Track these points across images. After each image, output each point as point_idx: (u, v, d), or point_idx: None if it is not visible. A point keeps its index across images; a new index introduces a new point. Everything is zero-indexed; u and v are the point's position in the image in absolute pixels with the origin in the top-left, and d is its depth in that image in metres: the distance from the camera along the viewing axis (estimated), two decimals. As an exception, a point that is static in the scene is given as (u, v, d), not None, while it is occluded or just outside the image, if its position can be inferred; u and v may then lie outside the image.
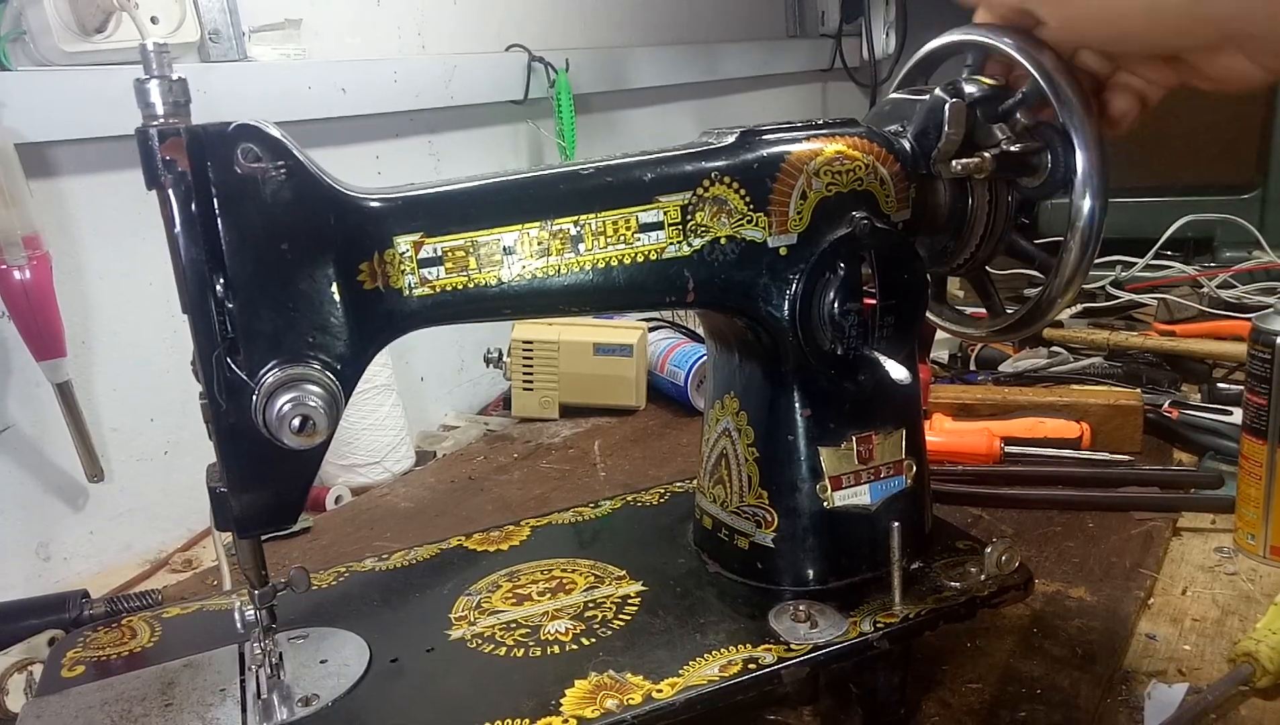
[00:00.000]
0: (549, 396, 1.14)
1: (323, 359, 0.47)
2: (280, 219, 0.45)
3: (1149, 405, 0.93)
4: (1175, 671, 0.60)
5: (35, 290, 0.75)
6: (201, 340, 0.45)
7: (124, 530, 0.90)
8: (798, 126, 0.55)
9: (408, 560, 0.67)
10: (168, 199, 0.44)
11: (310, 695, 0.51)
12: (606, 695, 0.49)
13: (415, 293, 0.49)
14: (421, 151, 1.17)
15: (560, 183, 0.51)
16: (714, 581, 0.60)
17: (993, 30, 0.55)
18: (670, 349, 1.15)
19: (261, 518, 0.49)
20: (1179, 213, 1.33)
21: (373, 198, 0.48)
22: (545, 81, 1.27)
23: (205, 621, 0.61)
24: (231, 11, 0.93)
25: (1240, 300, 1.24)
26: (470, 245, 0.49)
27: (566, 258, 0.51)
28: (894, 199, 0.55)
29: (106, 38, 0.81)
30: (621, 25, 1.51)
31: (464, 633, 0.57)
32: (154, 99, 0.43)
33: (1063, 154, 0.54)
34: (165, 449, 0.92)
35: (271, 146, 0.44)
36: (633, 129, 1.52)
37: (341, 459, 0.99)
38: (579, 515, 0.72)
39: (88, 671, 0.55)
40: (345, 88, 1.02)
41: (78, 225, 0.84)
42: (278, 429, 0.45)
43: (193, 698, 0.52)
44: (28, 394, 0.82)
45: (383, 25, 1.12)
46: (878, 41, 1.98)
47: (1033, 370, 1.08)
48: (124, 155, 0.82)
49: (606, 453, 1.03)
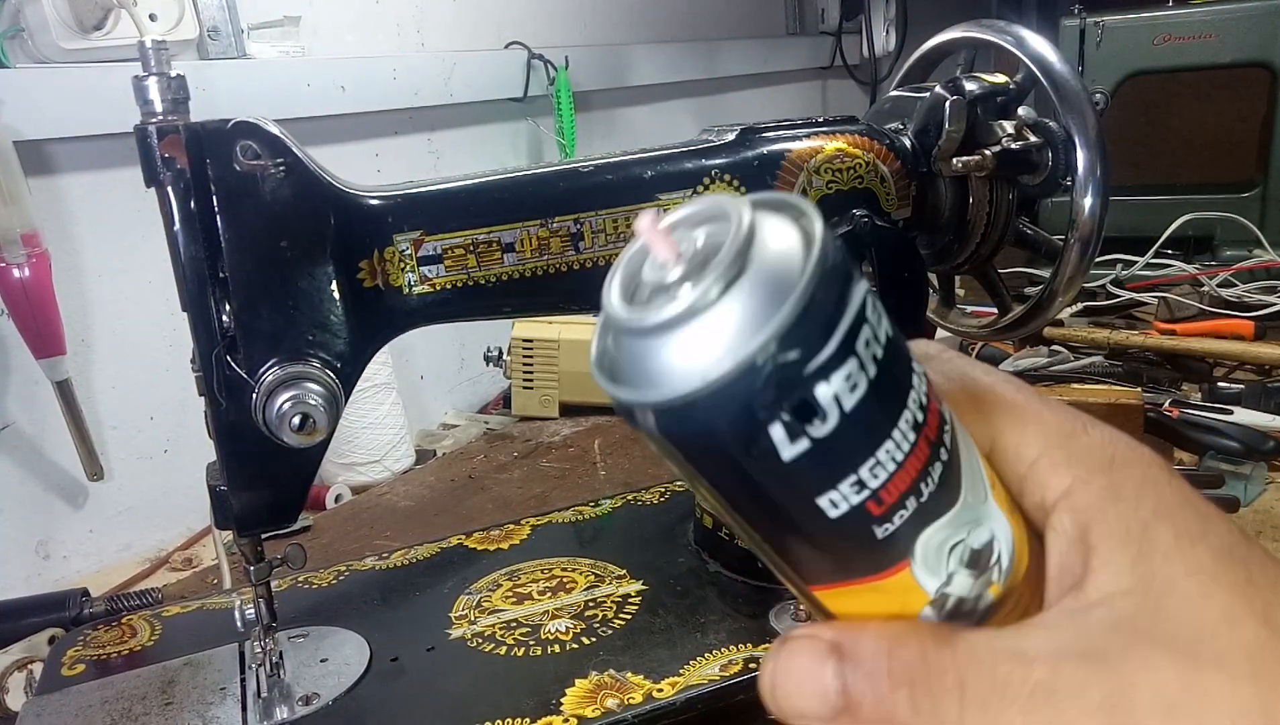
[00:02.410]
0: (549, 395, 1.14)
1: (322, 357, 0.47)
2: (279, 217, 0.45)
3: (1149, 404, 0.93)
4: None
5: (34, 288, 0.75)
6: (201, 338, 0.45)
7: (124, 529, 0.89)
8: (798, 124, 0.55)
9: (408, 559, 0.66)
10: (167, 196, 0.43)
11: (310, 694, 0.51)
12: (607, 694, 0.49)
13: (415, 291, 0.49)
14: (421, 149, 1.17)
15: (560, 181, 0.51)
16: (714, 580, 0.60)
17: (994, 27, 0.55)
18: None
19: (261, 516, 0.49)
20: (1179, 211, 1.33)
21: (372, 196, 0.48)
22: (545, 79, 1.26)
23: (205, 620, 0.61)
24: (230, 9, 0.92)
25: (1241, 299, 1.24)
26: (470, 243, 0.49)
27: (566, 256, 0.51)
28: (894, 197, 0.55)
29: (105, 35, 0.81)
30: (621, 22, 1.51)
31: (464, 632, 0.56)
32: (153, 96, 0.43)
33: (1064, 152, 0.54)
34: (165, 447, 0.92)
35: (271, 144, 0.44)
36: (632, 127, 1.52)
37: (341, 457, 0.99)
38: (579, 514, 0.72)
39: (88, 670, 0.55)
40: (344, 85, 1.02)
41: (77, 223, 0.84)
42: (278, 427, 0.44)
43: (193, 696, 0.52)
44: (27, 392, 0.81)
45: (382, 22, 1.12)
46: (878, 39, 1.97)
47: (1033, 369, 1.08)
48: (123, 153, 0.82)
49: (606, 451, 1.03)
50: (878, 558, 0.22)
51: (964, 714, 0.21)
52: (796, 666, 0.22)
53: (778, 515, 0.21)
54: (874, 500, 0.21)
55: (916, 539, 0.21)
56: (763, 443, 0.19)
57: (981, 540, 0.22)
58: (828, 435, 0.19)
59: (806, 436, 0.19)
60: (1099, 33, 1.37)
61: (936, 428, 0.21)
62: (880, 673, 0.22)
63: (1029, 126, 0.55)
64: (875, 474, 0.20)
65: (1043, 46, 0.55)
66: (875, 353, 0.20)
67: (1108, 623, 0.21)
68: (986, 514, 0.23)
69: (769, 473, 0.20)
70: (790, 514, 0.21)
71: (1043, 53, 0.54)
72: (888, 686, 0.21)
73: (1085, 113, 0.53)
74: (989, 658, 0.22)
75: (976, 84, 0.56)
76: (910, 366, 0.21)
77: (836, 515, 0.20)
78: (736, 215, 0.19)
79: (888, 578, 0.22)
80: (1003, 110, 0.56)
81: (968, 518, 0.22)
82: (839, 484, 0.20)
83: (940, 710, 0.21)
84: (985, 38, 0.56)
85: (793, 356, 0.19)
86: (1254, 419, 0.89)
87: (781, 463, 0.19)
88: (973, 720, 0.21)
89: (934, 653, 0.22)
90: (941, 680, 0.21)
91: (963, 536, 0.22)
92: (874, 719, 0.21)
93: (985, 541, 0.22)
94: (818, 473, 0.20)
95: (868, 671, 0.22)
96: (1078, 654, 0.21)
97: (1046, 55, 0.54)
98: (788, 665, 0.22)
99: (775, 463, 0.19)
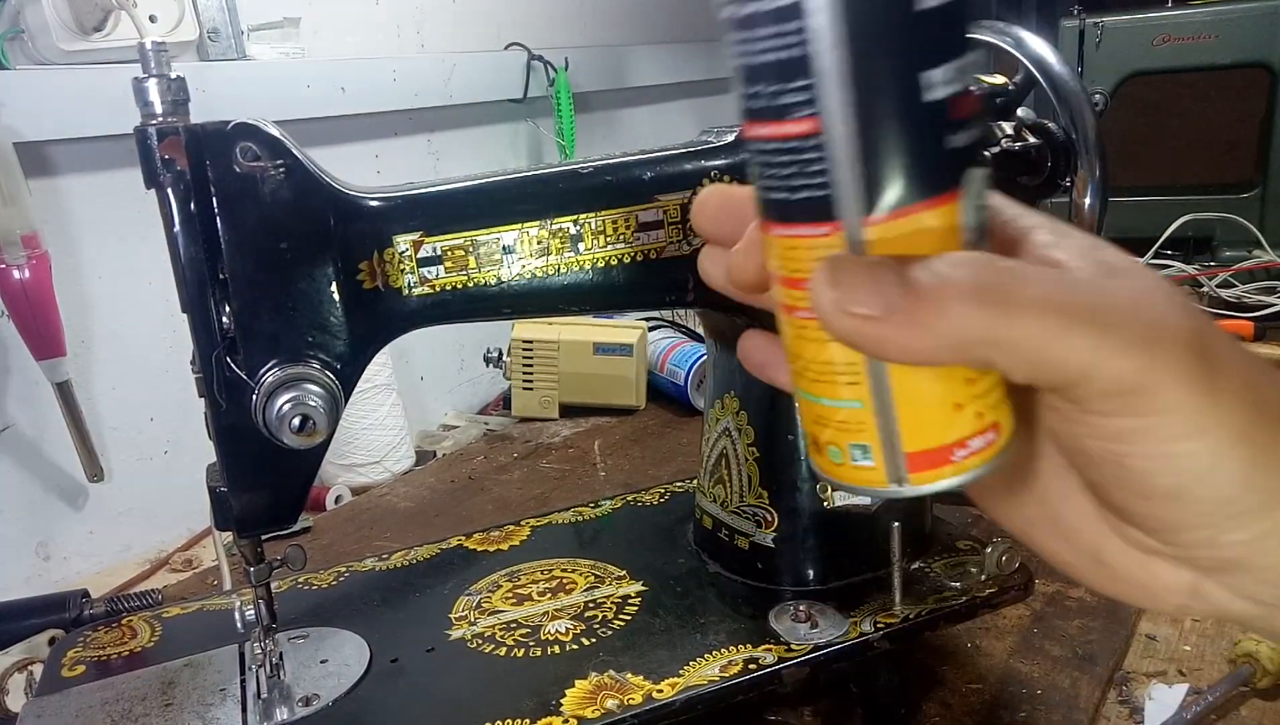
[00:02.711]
0: (549, 396, 1.14)
1: (322, 358, 0.47)
2: (279, 218, 0.45)
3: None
4: (1175, 672, 0.60)
5: (34, 289, 0.75)
6: (201, 340, 0.45)
7: (124, 530, 0.89)
8: (798, 125, 0.55)
9: (408, 560, 0.66)
10: (166, 198, 0.43)
11: (310, 695, 0.51)
12: (607, 695, 0.49)
13: (415, 292, 0.49)
14: (421, 150, 1.17)
15: (560, 181, 0.51)
16: (714, 581, 0.60)
17: (993, 28, 0.55)
18: (670, 349, 1.15)
19: (261, 517, 0.49)
20: (1179, 211, 1.33)
21: (372, 197, 0.48)
22: (544, 80, 1.26)
23: (205, 621, 0.61)
24: (230, 10, 0.92)
25: (1240, 299, 1.24)
26: (470, 244, 0.49)
27: (566, 257, 0.51)
28: (894, 198, 0.55)
29: (105, 36, 0.81)
30: (621, 23, 1.51)
31: (464, 633, 0.56)
32: (152, 98, 0.43)
33: (1063, 152, 0.54)
34: (165, 448, 0.92)
35: (270, 145, 0.44)
36: (632, 127, 1.52)
37: (341, 458, 0.99)
38: (579, 515, 0.72)
39: (88, 671, 0.55)
40: (344, 86, 1.02)
41: (77, 224, 0.84)
42: (277, 429, 0.44)
43: (193, 697, 0.52)
44: (27, 393, 0.82)
45: (382, 24, 1.12)
46: (877, 40, 1.97)
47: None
48: (123, 154, 0.82)
49: (606, 452, 1.03)
50: (941, 173, 0.23)
51: (1025, 292, 0.22)
52: (853, 269, 0.22)
53: (885, 87, 0.22)
54: (960, 99, 0.22)
55: (972, 170, 0.23)
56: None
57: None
58: (946, 6, 0.22)
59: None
60: (1098, 33, 1.37)
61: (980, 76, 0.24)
62: (937, 261, 0.22)
63: (1028, 127, 0.55)
64: (966, 73, 0.22)
65: (1042, 47, 0.55)
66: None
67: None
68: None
69: (898, 21, 0.22)
70: (895, 85, 0.22)
71: (1042, 54, 0.54)
72: (947, 266, 0.22)
73: (1085, 113, 0.53)
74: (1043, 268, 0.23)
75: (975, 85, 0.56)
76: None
77: (929, 99, 0.22)
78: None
79: (942, 204, 0.23)
80: (1002, 111, 0.56)
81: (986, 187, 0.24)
82: (942, 63, 0.22)
83: (1001, 285, 0.22)
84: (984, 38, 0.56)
85: None
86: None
87: (913, 9, 0.21)
88: (1028, 303, 0.22)
89: (985, 255, 0.23)
90: (1005, 263, 0.23)
91: (983, 192, 0.24)
92: (928, 304, 0.22)
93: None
94: (931, 38, 0.22)
95: (926, 263, 0.22)
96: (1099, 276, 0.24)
97: (1046, 56, 0.54)
98: (844, 273, 0.23)
99: (908, 9, 0.21)
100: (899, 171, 0.22)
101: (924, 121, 0.22)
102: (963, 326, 0.22)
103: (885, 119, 0.22)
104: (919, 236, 0.23)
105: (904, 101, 0.22)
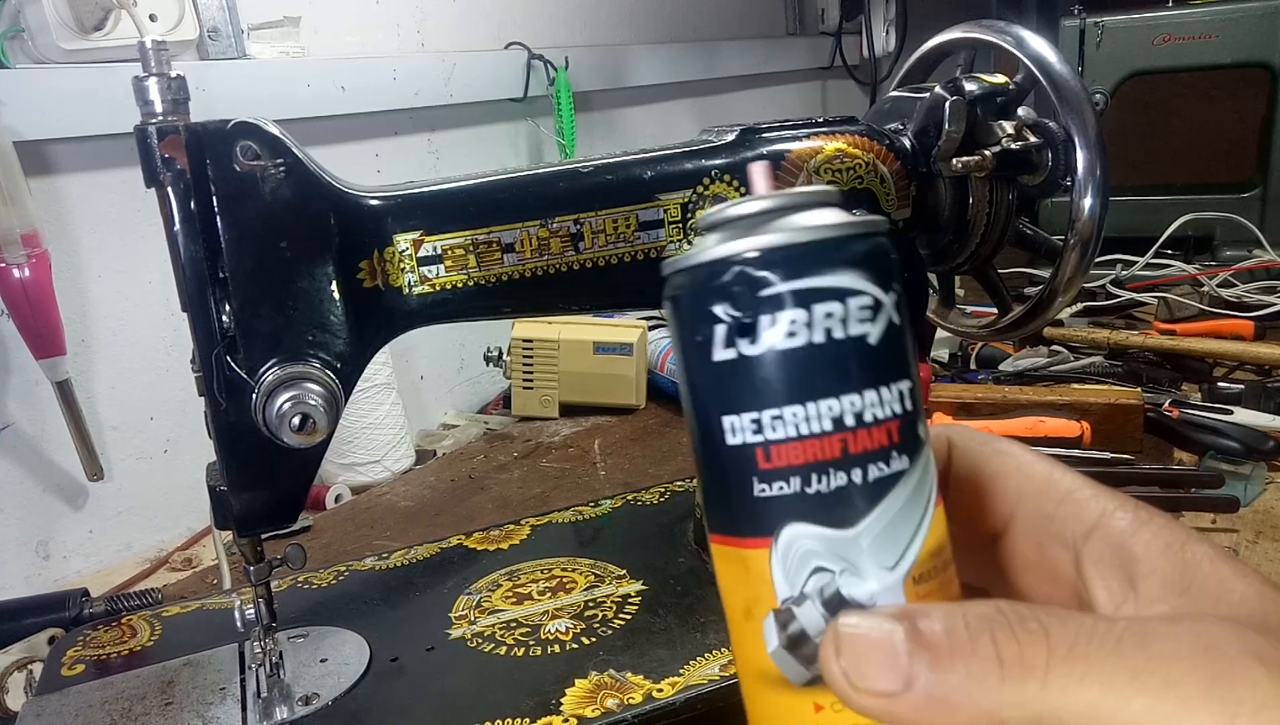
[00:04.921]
0: (549, 395, 1.14)
1: (322, 357, 0.47)
2: (279, 217, 0.45)
3: (1149, 404, 0.93)
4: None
5: (34, 288, 0.75)
6: (201, 338, 0.45)
7: (124, 529, 0.89)
8: (798, 124, 0.55)
9: (408, 559, 0.66)
10: (167, 197, 0.43)
11: (310, 694, 0.51)
12: (607, 694, 0.49)
13: (415, 291, 0.49)
14: (421, 149, 1.17)
15: (560, 181, 0.51)
16: (714, 580, 0.60)
17: (994, 28, 0.55)
18: (670, 348, 1.15)
19: (261, 516, 0.49)
20: (1179, 211, 1.33)
21: (372, 196, 0.48)
22: (545, 79, 1.26)
23: (205, 620, 0.61)
24: (230, 9, 0.92)
25: (1240, 299, 1.24)
26: (470, 243, 0.49)
27: (566, 256, 0.51)
28: (894, 197, 0.55)
29: (105, 35, 0.81)
30: (621, 23, 1.51)
31: (464, 632, 0.56)
32: (153, 97, 0.43)
33: (1063, 152, 0.54)
34: (165, 447, 0.92)
35: (270, 144, 0.44)
36: (632, 127, 1.52)
37: (341, 458, 0.99)
38: (579, 514, 0.72)
39: (88, 670, 0.55)
40: (344, 85, 1.02)
41: (77, 223, 0.84)
42: (277, 428, 0.44)
43: (193, 696, 0.52)
44: (27, 392, 0.81)
45: (382, 23, 1.12)
46: (878, 39, 1.97)
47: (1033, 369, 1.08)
48: (123, 153, 0.82)
49: (606, 452, 1.03)
50: (750, 518, 0.22)
51: (1051, 659, 0.20)
52: (861, 639, 0.21)
53: (698, 414, 0.23)
54: (763, 450, 0.22)
55: (784, 526, 0.22)
56: (704, 331, 0.22)
57: (853, 593, 0.22)
58: (751, 359, 0.22)
59: (735, 348, 0.22)
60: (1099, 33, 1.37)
61: (863, 448, 0.22)
62: (956, 621, 0.20)
63: (1029, 127, 0.55)
64: (774, 427, 0.22)
65: (1042, 47, 0.55)
66: (834, 331, 0.22)
67: (1173, 611, 0.22)
68: (884, 583, 0.22)
69: (702, 365, 0.22)
70: (705, 420, 0.23)
71: (1042, 53, 0.54)
72: (967, 634, 0.20)
73: (1085, 113, 0.53)
74: (1069, 614, 0.20)
75: (976, 84, 0.56)
76: (878, 384, 0.22)
77: (730, 443, 0.22)
78: (831, 197, 0.23)
79: (751, 548, 0.23)
80: (1002, 111, 0.56)
81: (852, 558, 0.22)
82: (742, 412, 0.22)
83: (1026, 657, 0.20)
84: (985, 38, 0.56)
85: (758, 273, 0.21)
86: (1254, 419, 0.89)
87: (711, 360, 0.22)
88: (1060, 666, 0.19)
89: (1008, 606, 0.21)
90: (1024, 625, 0.20)
91: (834, 570, 0.22)
92: (953, 677, 0.20)
93: (855, 598, 0.22)
94: (731, 388, 0.22)
95: (943, 616, 0.20)
96: (1155, 617, 0.21)
97: (1046, 56, 0.54)
98: (851, 643, 0.21)
99: (707, 357, 0.22)
100: (715, 498, 0.24)
101: (728, 461, 0.22)
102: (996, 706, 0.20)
103: (705, 447, 0.23)
104: (734, 570, 0.23)
105: (713, 438, 0.23)
